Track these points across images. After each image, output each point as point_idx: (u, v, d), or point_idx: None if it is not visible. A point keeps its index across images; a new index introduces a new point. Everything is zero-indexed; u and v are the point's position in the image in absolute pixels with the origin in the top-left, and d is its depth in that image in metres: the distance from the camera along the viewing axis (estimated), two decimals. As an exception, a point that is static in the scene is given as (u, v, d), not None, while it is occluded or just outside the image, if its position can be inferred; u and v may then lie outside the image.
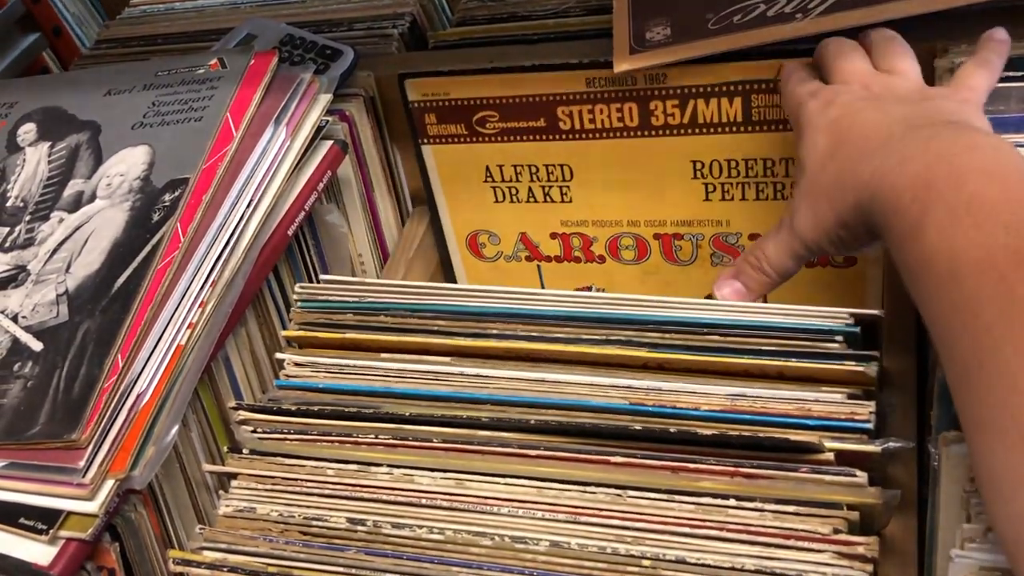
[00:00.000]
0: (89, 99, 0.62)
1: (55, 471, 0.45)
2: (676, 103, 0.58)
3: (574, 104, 0.60)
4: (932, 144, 0.40)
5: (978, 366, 0.34)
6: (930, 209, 0.38)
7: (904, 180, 0.40)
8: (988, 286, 0.34)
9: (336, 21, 0.74)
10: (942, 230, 0.37)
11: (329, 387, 0.50)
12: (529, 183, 0.64)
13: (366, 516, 0.45)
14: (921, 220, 0.38)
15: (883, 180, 0.41)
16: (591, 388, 0.46)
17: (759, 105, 0.58)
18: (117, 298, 0.50)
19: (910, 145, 0.41)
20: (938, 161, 0.39)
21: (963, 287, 0.35)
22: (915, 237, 0.38)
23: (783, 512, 0.40)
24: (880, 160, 0.42)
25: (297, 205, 0.58)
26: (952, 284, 0.36)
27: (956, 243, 0.36)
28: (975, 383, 0.34)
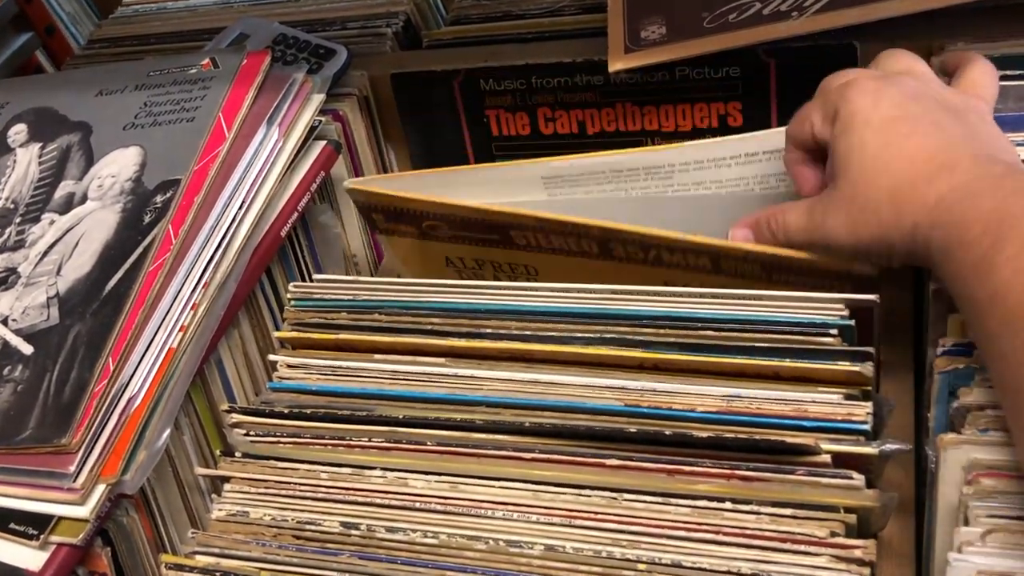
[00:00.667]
0: (80, 99, 0.62)
1: (46, 476, 0.45)
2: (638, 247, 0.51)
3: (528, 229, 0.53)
4: (1007, 181, 0.39)
5: None
6: (1002, 243, 0.36)
7: (974, 213, 0.38)
8: None
9: (329, 20, 0.74)
10: (1015, 265, 0.35)
11: (322, 389, 0.50)
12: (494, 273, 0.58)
13: (360, 520, 0.45)
14: (991, 254, 0.36)
15: (951, 210, 0.39)
16: (586, 389, 0.46)
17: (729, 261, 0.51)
18: (108, 301, 0.50)
19: (981, 180, 0.40)
20: (1013, 199, 0.38)
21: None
22: (985, 271, 0.36)
23: (780, 515, 0.40)
24: (947, 188, 0.40)
25: (290, 206, 0.58)
26: (1021, 324, 0.34)
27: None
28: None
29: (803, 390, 0.44)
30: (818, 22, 0.52)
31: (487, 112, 0.64)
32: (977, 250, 0.37)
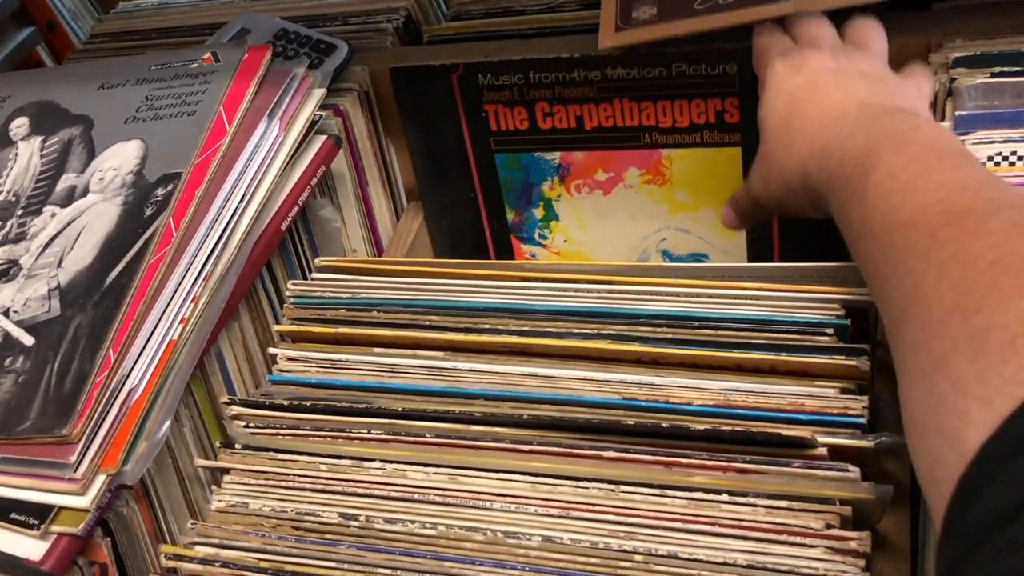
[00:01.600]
0: (82, 93, 0.62)
1: (46, 466, 0.45)
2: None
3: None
4: (879, 122, 0.43)
5: (903, 313, 0.35)
6: (871, 171, 0.40)
7: (851, 150, 0.42)
8: (917, 237, 0.35)
9: (330, 15, 0.74)
10: (881, 189, 0.39)
11: (322, 382, 0.50)
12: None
13: (359, 511, 0.45)
14: (863, 182, 0.40)
15: (831, 153, 0.44)
16: (584, 383, 0.46)
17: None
18: (109, 293, 0.50)
19: (859, 123, 0.44)
20: (883, 133, 0.42)
21: (894, 240, 0.37)
22: (857, 198, 0.40)
23: (776, 507, 0.40)
24: (830, 135, 0.45)
25: (290, 200, 0.58)
26: (885, 238, 0.38)
27: (892, 201, 0.38)
28: (900, 329, 0.35)
29: (800, 384, 0.44)
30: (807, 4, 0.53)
31: (485, 107, 0.65)
32: (850, 183, 0.41)
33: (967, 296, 0.32)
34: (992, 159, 0.48)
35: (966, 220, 0.35)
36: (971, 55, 0.52)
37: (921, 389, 0.33)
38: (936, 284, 0.34)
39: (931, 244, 0.35)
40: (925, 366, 0.33)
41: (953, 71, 0.51)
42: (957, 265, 0.33)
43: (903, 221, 0.37)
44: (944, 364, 0.32)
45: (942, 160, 0.39)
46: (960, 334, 0.31)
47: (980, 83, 0.50)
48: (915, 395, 0.34)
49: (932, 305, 0.33)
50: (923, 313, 0.34)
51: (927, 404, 0.32)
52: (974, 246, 0.33)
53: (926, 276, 0.34)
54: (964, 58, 0.52)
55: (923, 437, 0.32)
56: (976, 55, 0.52)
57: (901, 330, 0.36)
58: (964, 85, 0.50)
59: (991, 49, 0.52)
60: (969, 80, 0.50)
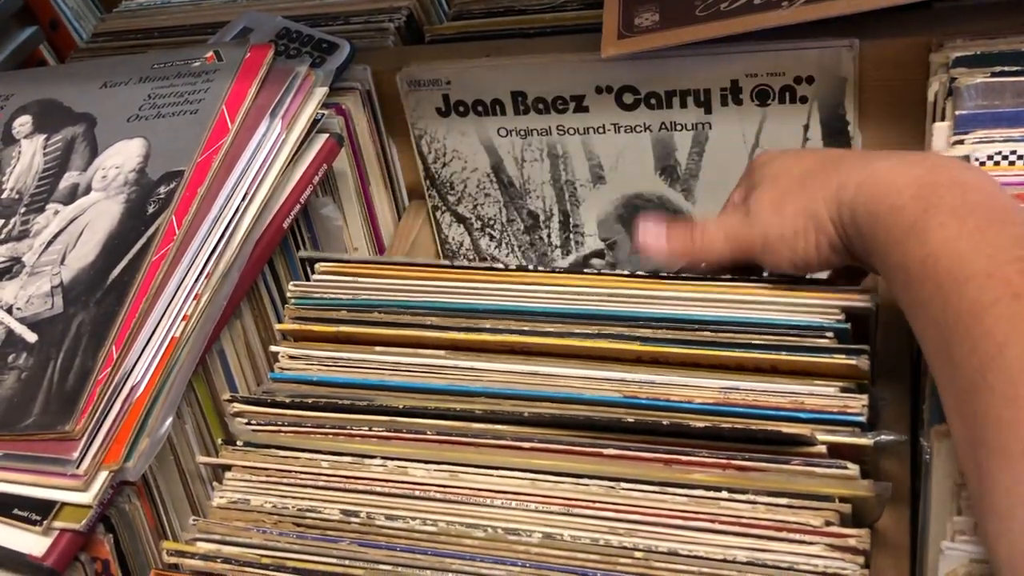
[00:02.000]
0: (85, 91, 0.62)
1: (49, 462, 0.45)
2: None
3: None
4: (929, 158, 0.40)
5: (981, 379, 0.32)
6: (933, 210, 0.36)
7: (904, 179, 0.38)
8: (996, 295, 0.33)
9: (333, 15, 0.74)
10: (946, 232, 0.36)
11: (323, 380, 0.50)
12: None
13: (360, 508, 0.45)
14: (924, 219, 0.36)
15: (876, 176, 0.40)
16: (584, 381, 0.47)
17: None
18: (112, 290, 0.50)
19: (905, 155, 0.41)
20: (939, 168, 0.38)
21: (967, 293, 0.34)
22: (917, 237, 0.36)
23: (775, 504, 0.41)
24: (876, 160, 0.41)
25: (292, 198, 0.58)
26: (955, 289, 0.34)
27: (961, 246, 0.35)
28: (976, 398, 0.33)
29: (800, 383, 0.44)
30: (808, 12, 0.53)
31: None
32: (907, 215, 0.37)
33: None
34: (992, 158, 0.48)
35: None
36: (971, 55, 0.52)
37: (1009, 475, 0.31)
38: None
39: (1016, 307, 0.32)
40: (1014, 451, 0.30)
41: (953, 71, 0.51)
42: None
43: (977, 272, 0.34)
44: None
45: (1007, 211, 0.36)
46: None
47: (980, 83, 0.50)
48: (1001, 480, 0.31)
49: (1021, 383, 0.31)
50: (1012, 386, 0.31)
51: (1017, 493, 0.30)
52: None
53: (1010, 345, 0.31)
54: (964, 58, 0.52)
55: (1009, 526, 0.30)
56: (976, 55, 0.52)
57: (977, 399, 0.32)
58: (964, 85, 0.50)
59: (991, 49, 0.52)
60: (969, 80, 0.50)
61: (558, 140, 0.65)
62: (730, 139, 0.61)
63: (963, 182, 0.37)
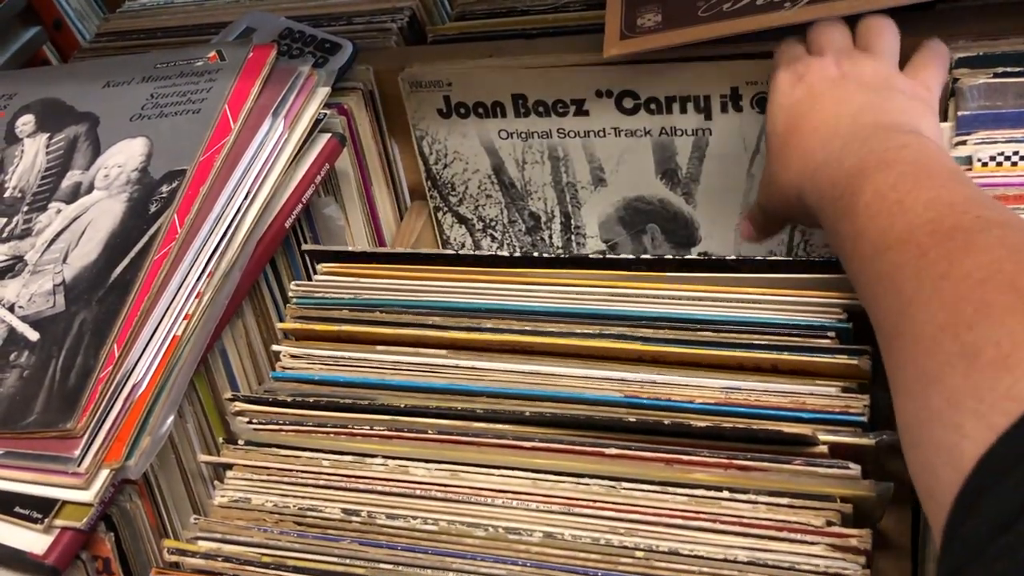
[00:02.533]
0: (88, 91, 0.62)
1: (50, 460, 0.45)
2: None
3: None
4: (868, 143, 0.43)
5: (895, 330, 0.36)
6: (860, 192, 0.41)
7: (839, 173, 0.43)
8: (907, 257, 0.36)
9: (335, 15, 0.74)
10: (870, 210, 0.39)
11: (325, 379, 0.50)
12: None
13: (361, 507, 0.45)
14: (853, 203, 0.41)
15: (822, 174, 0.45)
16: (586, 381, 0.47)
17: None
18: (114, 288, 0.50)
19: (849, 143, 0.44)
20: (870, 155, 0.42)
21: (885, 260, 0.37)
22: (847, 219, 0.41)
23: (776, 504, 0.41)
24: (822, 158, 0.45)
25: (294, 198, 0.58)
26: (876, 258, 0.38)
27: (880, 221, 0.39)
28: (892, 346, 0.36)
29: (801, 383, 0.44)
30: (811, 11, 0.53)
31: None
32: (840, 204, 0.42)
33: (958, 314, 0.32)
34: (995, 159, 0.48)
35: (955, 238, 0.35)
36: (974, 55, 0.52)
37: (914, 404, 0.34)
38: (927, 302, 0.34)
39: (921, 263, 0.35)
40: (917, 382, 0.34)
41: (956, 71, 0.51)
42: (948, 283, 0.34)
43: (893, 241, 0.37)
44: (937, 380, 0.32)
45: (930, 178, 0.39)
46: (952, 351, 0.32)
47: (983, 83, 0.50)
48: (908, 410, 0.34)
49: (924, 322, 0.34)
50: (915, 330, 0.34)
51: (921, 419, 0.33)
52: (964, 264, 0.34)
53: (917, 294, 0.35)
54: (967, 59, 0.52)
55: (918, 452, 0.33)
56: (979, 55, 0.52)
57: (893, 347, 0.36)
58: (967, 85, 0.50)
59: (994, 50, 0.52)
60: (972, 80, 0.50)
61: (559, 143, 0.65)
62: (731, 145, 0.61)
63: (890, 160, 0.41)
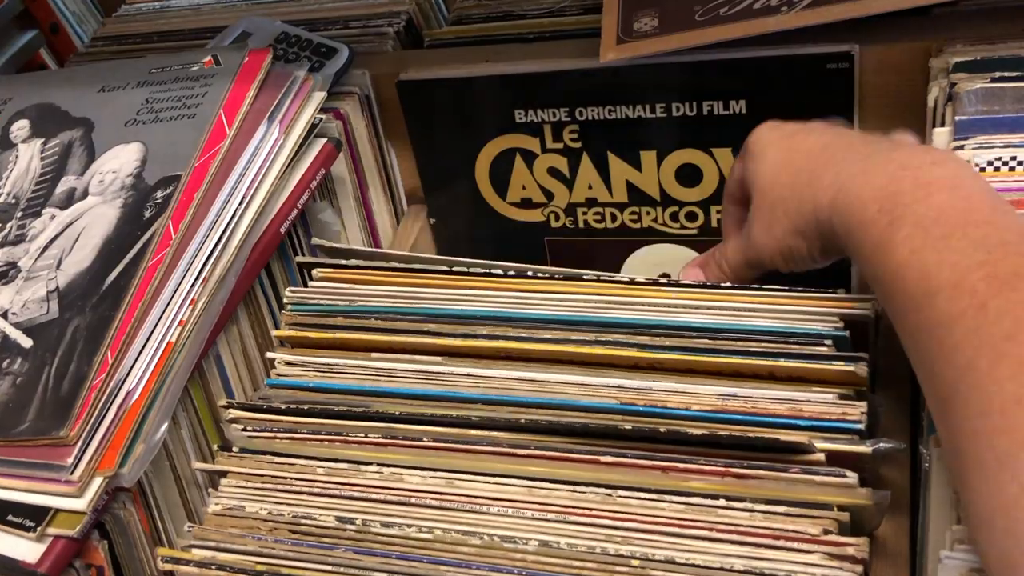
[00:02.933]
0: (83, 96, 0.62)
1: (43, 468, 0.45)
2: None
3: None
4: (895, 155, 0.40)
5: (955, 393, 0.33)
6: (898, 223, 0.37)
7: (868, 191, 0.39)
8: (961, 307, 0.33)
9: (331, 19, 0.74)
10: (912, 244, 0.36)
11: (320, 386, 0.50)
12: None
13: (355, 515, 0.45)
14: (890, 233, 0.37)
15: (844, 189, 0.40)
16: (581, 388, 0.46)
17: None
18: (107, 295, 0.50)
19: (873, 156, 0.41)
20: (903, 172, 0.39)
21: (936, 306, 0.34)
22: (885, 251, 0.37)
23: (773, 512, 0.40)
24: (841, 167, 0.41)
25: (290, 203, 0.58)
26: (925, 303, 0.35)
27: (927, 258, 0.35)
28: (953, 411, 0.33)
29: (798, 390, 0.44)
30: (807, 17, 0.53)
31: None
32: (875, 231, 0.38)
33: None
34: (992, 164, 0.48)
35: (1016, 288, 0.32)
36: (971, 60, 0.51)
37: (986, 486, 0.31)
38: (993, 369, 0.31)
39: (981, 319, 0.32)
40: (989, 461, 0.31)
41: (953, 76, 0.51)
42: (1015, 346, 0.31)
43: (943, 284, 0.34)
44: (1011, 463, 0.30)
45: (973, 210, 0.36)
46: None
47: (980, 88, 0.50)
48: (980, 490, 0.32)
49: (991, 393, 0.31)
50: (981, 401, 0.32)
51: (995, 504, 0.31)
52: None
53: (979, 356, 0.32)
54: (964, 63, 0.51)
55: (992, 536, 0.31)
56: (976, 60, 0.51)
57: (954, 412, 0.33)
58: (964, 90, 0.50)
59: (991, 54, 0.52)
60: (969, 85, 0.50)
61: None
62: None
63: (927, 182, 0.38)
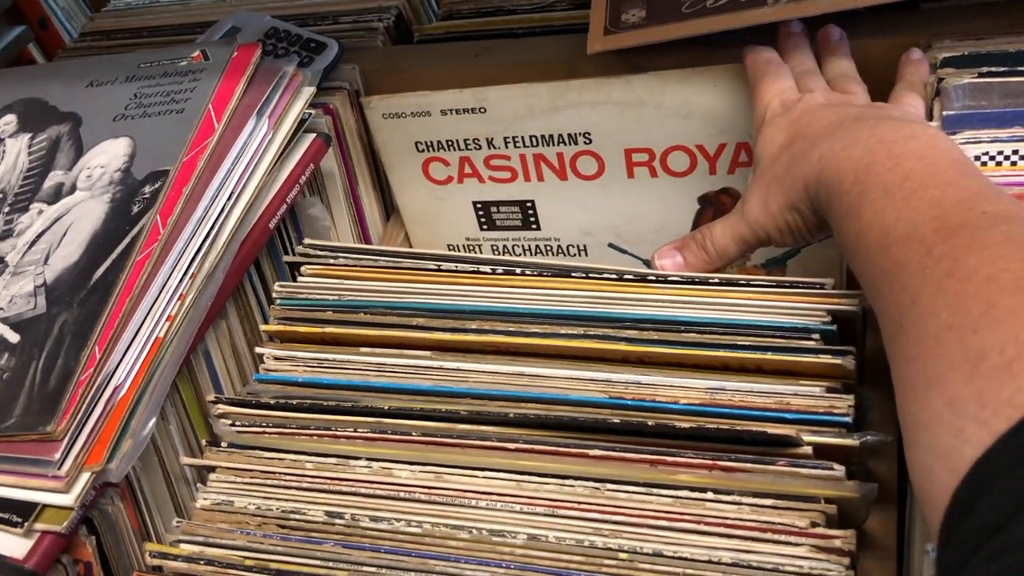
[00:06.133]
0: (71, 90, 0.62)
1: (30, 463, 0.45)
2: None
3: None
4: (876, 131, 0.43)
5: (899, 327, 0.36)
6: (868, 190, 0.40)
7: (848, 163, 0.42)
8: (912, 254, 0.36)
9: (321, 14, 0.74)
10: (876, 207, 0.39)
11: (308, 381, 0.50)
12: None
13: (344, 509, 0.45)
14: (859, 200, 0.40)
15: (829, 164, 0.44)
16: (570, 382, 0.46)
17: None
18: (95, 290, 0.50)
19: (855, 132, 0.44)
20: (879, 145, 0.42)
21: (890, 256, 0.37)
22: (854, 216, 0.40)
23: (761, 505, 0.40)
24: (828, 145, 0.45)
25: (279, 198, 0.58)
26: (881, 254, 0.38)
27: (887, 218, 0.38)
28: (896, 344, 0.36)
29: (786, 383, 0.44)
30: (792, 10, 0.53)
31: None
32: (848, 199, 0.42)
33: (963, 314, 0.32)
34: (979, 159, 0.48)
35: (960, 235, 0.35)
36: (959, 55, 0.52)
37: (916, 405, 0.33)
38: (932, 301, 0.34)
39: (927, 260, 0.35)
40: (920, 382, 0.33)
41: (941, 71, 0.51)
42: (952, 281, 0.33)
43: (898, 237, 0.37)
44: (939, 382, 0.32)
45: (937, 174, 0.39)
46: (956, 353, 0.32)
47: (968, 83, 0.50)
48: (910, 410, 0.34)
49: (928, 322, 0.33)
50: (919, 329, 0.34)
51: (921, 420, 0.33)
52: (968, 262, 0.33)
53: (921, 292, 0.35)
54: (952, 58, 0.52)
55: (917, 452, 0.33)
56: (964, 55, 0.52)
57: (897, 344, 0.36)
58: (952, 85, 0.50)
59: (979, 49, 0.52)
60: (957, 80, 0.50)
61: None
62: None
63: (899, 153, 0.41)
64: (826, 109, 0.49)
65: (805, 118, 0.49)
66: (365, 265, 0.53)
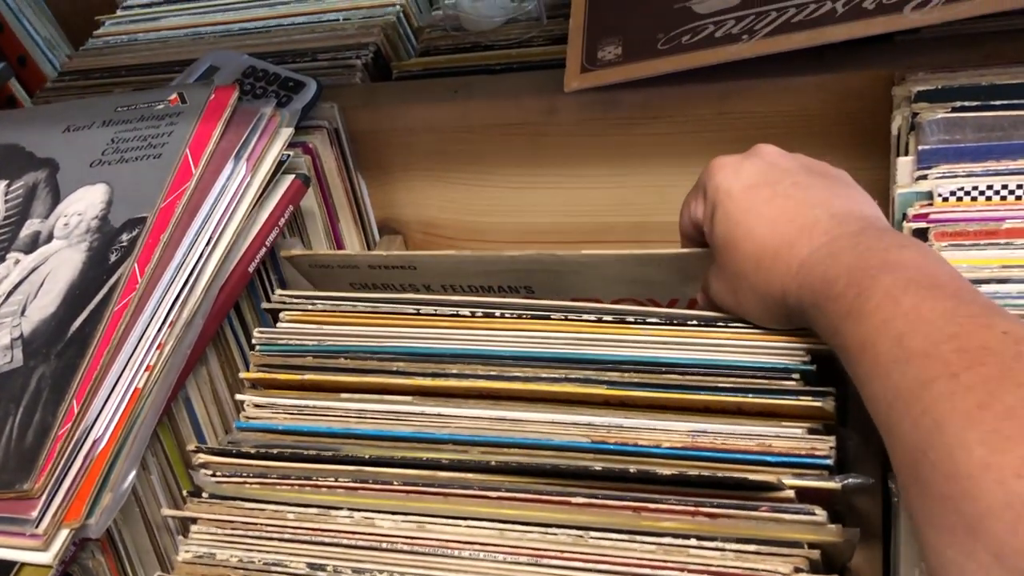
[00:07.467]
0: (47, 136, 0.61)
1: (8, 522, 0.44)
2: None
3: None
4: (862, 239, 0.40)
5: (923, 456, 0.33)
6: (867, 294, 0.37)
7: (835, 270, 0.40)
8: (933, 375, 0.33)
9: (300, 51, 0.74)
10: (883, 314, 0.36)
11: (290, 428, 0.50)
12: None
13: (327, 560, 0.44)
14: (859, 304, 0.38)
15: (812, 272, 0.41)
16: (552, 426, 0.46)
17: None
18: (73, 342, 0.49)
19: (839, 240, 0.41)
20: (870, 253, 0.39)
21: (906, 375, 0.35)
22: (854, 321, 0.38)
23: (744, 551, 0.40)
24: (807, 250, 0.42)
25: (258, 241, 0.58)
26: (895, 369, 0.35)
27: (897, 328, 0.36)
28: (919, 476, 0.33)
29: (767, 425, 0.44)
30: (767, 45, 0.53)
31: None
32: (844, 302, 0.38)
33: (1002, 455, 0.30)
34: (955, 194, 0.48)
35: (987, 363, 0.33)
36: (932, 89, 0.52)
37: (955, 552, 0.31)
38: (963, 435, 0.31)
39: (954, 386, 0.33)
40: (958, 528, 0.31)
41: (915, 105, 0.52)
42: (989, 416, 0.31)
43: (914, 353, 0.35)
44: (980, 530, 0.30)
45: (941, 286, 0.36)
46: (997, 500, 0.30)
47: (941, 118, 0.50)
48: (948, 555, 0.31)
49: (959, 456, 0.31)
50: (949, 463, 0.32)
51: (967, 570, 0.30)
52: (1005, 400, 0.31)
53: (949, 422, 0.32)
54: (926, 92, 0.52)
55: None
56: (938, 88, 0.52)
57: (921, 477, 0.33)
58: (927, 120, 0.50)
59: (952, 83, 0.52)
60: (931, 114, 0.50)
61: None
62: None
63: (893, 261, 0.38)
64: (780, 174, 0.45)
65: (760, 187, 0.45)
66: (344, 310, 0.53)
